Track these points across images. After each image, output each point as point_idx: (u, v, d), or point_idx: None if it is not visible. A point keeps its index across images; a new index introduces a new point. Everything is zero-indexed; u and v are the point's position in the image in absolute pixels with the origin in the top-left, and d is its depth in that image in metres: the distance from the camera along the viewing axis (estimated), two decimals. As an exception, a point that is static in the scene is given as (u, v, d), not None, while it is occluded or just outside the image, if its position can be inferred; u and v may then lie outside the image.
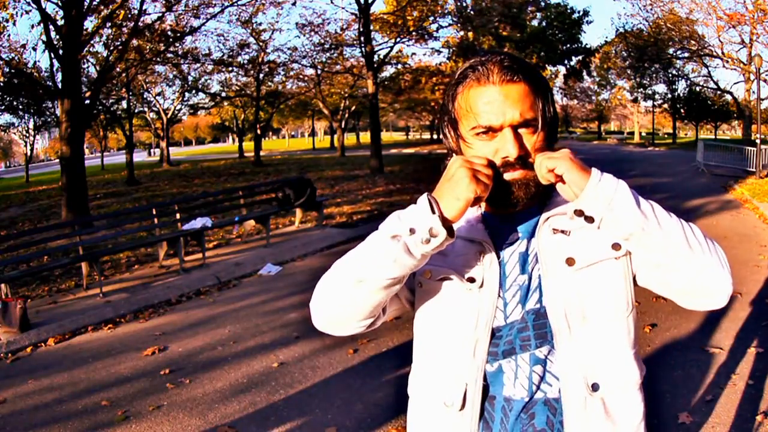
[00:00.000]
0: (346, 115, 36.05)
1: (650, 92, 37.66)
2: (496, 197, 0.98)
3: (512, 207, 1.00)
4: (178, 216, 7.70)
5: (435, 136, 50.87)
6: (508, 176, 0.96)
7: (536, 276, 1.01)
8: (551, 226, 1.00)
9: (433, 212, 0.89)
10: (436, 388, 1.05)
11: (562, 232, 1.00)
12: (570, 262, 0.98)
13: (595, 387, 0.98)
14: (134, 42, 13.94)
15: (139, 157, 42.13)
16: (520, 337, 0.99)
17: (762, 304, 4.86)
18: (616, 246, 0.98)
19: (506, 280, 1.02)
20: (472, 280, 1.01)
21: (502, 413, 1.01)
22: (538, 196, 1.00)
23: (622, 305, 1.00)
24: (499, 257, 1.02)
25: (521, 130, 0.95)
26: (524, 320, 1.00)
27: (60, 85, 10.71)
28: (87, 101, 11.51)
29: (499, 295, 1.01)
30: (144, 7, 12.12)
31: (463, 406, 1.01)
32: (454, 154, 1.03)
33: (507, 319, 1.01)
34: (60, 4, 10.32)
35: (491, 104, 0.94)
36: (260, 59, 24.70)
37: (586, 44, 30.87)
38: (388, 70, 28.07)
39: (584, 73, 33.25)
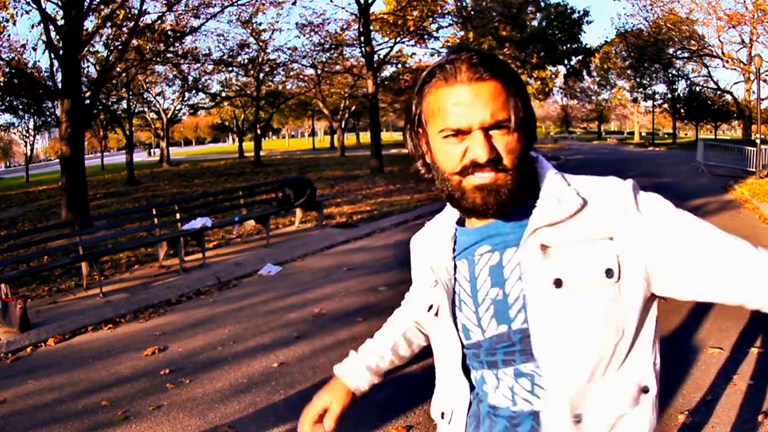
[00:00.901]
0: (346, 115, 36.07)
1: (650, 92, 37.71)
2: (465, 205, 0.93)
3: (481, 215, 0.94)
4: (178, 216, 7.70)
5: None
6: (477, 180, 0.89)
7: (519, 292, 0.93)
8: (540, 240, 0.90)
9: None
10: (437, 404, 1.14)
11: (551, 247, 0.91)
12: (558, 283, 0.89)
13: (578, 418, 0.90)
14: (134, 42, 13.96)
15: (139, 157, 42.13)
16: (504, 352, 0.96)
17: (762, 304, 4.85)
18: (609, 273, 0.88)
19: (477, 295, 0.97)
20: (430, 307, 1.05)
21: (489, 418, 1.01)
22: (510, 204, 0.91)
23: (611, 331, 0.90)
24: (455, 277, 1.01)
25: (493, 132, 0.88)
26: (510, 339, 0.94)
27: (60, 85, 10.72)
28: (87, 101, 11.52)
29: (474, 311, 0.98)
30: (144, 7, 12.14)
31: (452, 418, 1.07)
32: (421, 159, 0.99)
33: (485, 334, 0.97)
34: (60, 4, 10.33)
35: (460, 105, 0.87)
36: (260, 59, 24.71)
37: (586, 44, 30.76)
38: (388, 70, 28.09)
39: (584, 73, 33.12)
